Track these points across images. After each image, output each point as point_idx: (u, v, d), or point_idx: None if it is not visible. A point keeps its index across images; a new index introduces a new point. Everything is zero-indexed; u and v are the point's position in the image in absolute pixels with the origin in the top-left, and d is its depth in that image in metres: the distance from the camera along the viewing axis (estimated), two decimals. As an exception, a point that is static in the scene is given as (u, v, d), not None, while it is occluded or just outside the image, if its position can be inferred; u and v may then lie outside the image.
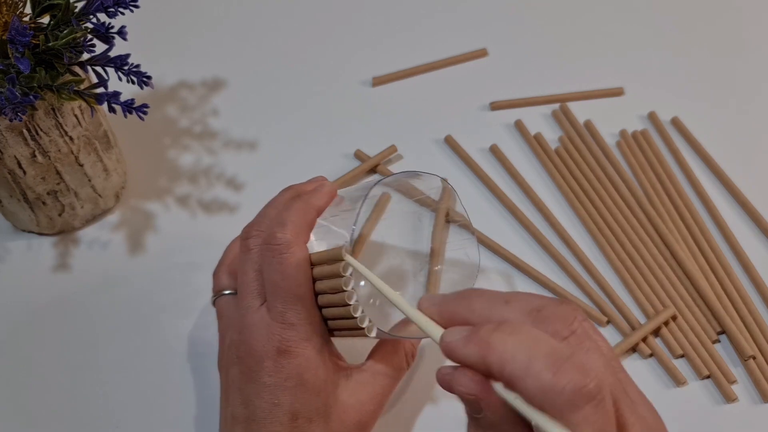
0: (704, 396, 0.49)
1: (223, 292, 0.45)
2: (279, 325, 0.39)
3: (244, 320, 0.41)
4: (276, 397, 0.39)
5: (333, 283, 0.39)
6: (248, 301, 0.41)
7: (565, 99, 0.65)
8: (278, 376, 0.39)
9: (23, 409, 0.48)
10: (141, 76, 0.48)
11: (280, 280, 0.39)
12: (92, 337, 0.52)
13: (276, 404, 0.39)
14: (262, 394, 0.39)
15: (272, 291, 0.40)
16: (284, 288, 0.39)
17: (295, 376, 0.39)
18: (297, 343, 0.39)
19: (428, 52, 0.69)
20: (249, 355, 0.40)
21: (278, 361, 0.39)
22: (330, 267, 0.39)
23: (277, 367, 0.39)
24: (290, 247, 0.40)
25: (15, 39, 0.44)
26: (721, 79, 0.67)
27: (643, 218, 0.57)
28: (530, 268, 0.54)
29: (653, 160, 0.60)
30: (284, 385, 0.39)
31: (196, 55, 0.69)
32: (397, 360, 0.44)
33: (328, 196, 0.43)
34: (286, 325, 0.39)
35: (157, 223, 0.57)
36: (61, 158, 0.51)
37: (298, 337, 0.39)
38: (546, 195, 0.59)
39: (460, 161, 0.61)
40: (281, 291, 0.40)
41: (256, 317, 0.40)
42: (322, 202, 0.42)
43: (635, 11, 0.73)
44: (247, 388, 0.40)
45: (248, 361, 0.40)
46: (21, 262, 0.55)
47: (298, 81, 0.67)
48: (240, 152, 0.62)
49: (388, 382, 0.43)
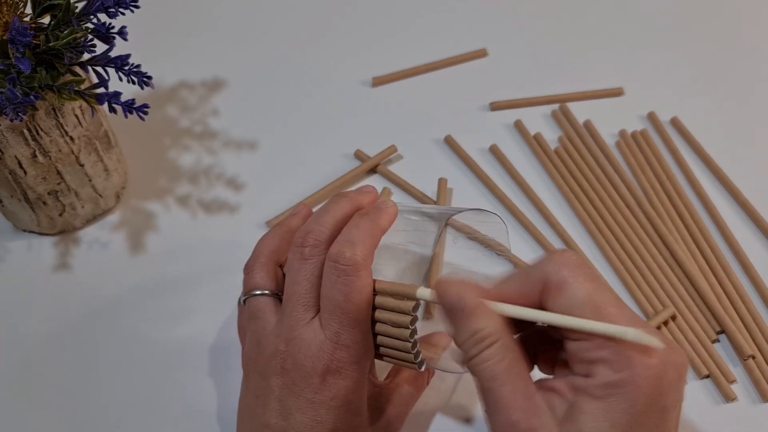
0: (704, 395, 0.49)
1: (255, 292, 0.43)
2: (332, 344, 0.39)
3: (293, 332, 0.40)
4: (319, 415, 0.39)
5: (397, 318, 0.39)
6: (299, 313, 0.40)
7: (565, 99, 0.65)
8: (324, 395, 0.39)
9: (23, 409, 0.48)
10: (141, 77, 0.48)
11: (342, 302, 0.38)
12: (92, 337, 0.52)
13: (319, 422, 0.39)
14: (306, 409, 0.39)
15: (331, 309, 0.39)
16: (345, 310, 0.39)
17: (342, 396, 0.39)
18: (347, 365, 0.39)
19: (428, 52, 0.69)
20: (296, 368, 0.39)
21: (326, 380, 0.39)
22: (397, 302, 0.39)
23: (325, 385, 0.39)
24: (359, 270, 0.39)
25: (16, 39, 0.44)
26: (721, 80, 0.68)
27: (643, 218, 0.57)
28: (530, 268, 0.54)
29: (653, 161, 0.60)
30: (329, 404, 0.39)
31: (196, 55, 0.69)
32: (421, 380, 0.45)
33: (393, 216, 0.42)
34: (340, 346, 0.39)
35: (157, 223, 0.57)
36: (62, 158, 0.51)
37: (350, 359, 0.39)
38: (546, 195, 0.59)
39: (459, 161, 0.61)
40: (341, 312, 0.39)
41: (307, 332, 0.39)
42: (389, 223, 0.42)
43: (635, 11, 0.73)
44: (288, 401, 0.39)
45: (294, 374, 0.39)
46: (21, 262, 0.55)
47: (298, 81, 0.67)
48: (240, 152, 0.62)
49: (411, 401, 0.45)
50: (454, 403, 0.48)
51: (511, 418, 0.33)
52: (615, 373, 0.33)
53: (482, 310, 0.35)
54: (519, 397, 0.33)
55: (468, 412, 0.48)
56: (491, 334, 0.34)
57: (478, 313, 0.35)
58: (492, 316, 0.35)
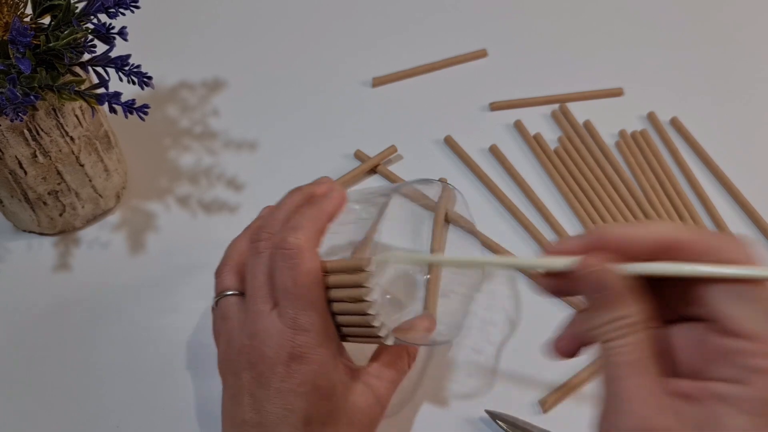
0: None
1: (226, 293, 0.44)
2: (291, 330, 0.39)
3: (255, 325, 0.40)
4: (289, 403, 0.39)
5: (352, 293, 0.39)
6: (258, 305, 0.40)
7: (565, 99, 0.65)
8: (291, 382, 0.39)
9: (23, 409, 0.48)
10: (142, 77, 0.49)
11: (291, 286, 0.39)
12: (92, 337, 0.52)
13: (290, 410, 0.39)
14: (275, 399, 0.39)
15: (284, 296, 0.40)
16: (295, 293, 0.39)
17: (309, 381, 0.39)
18: (310, 349, 0.39)
19: (428, 52, 0.69)
20: (261, 360, 0.39)
21: (291, 367, 0.39)
22: (351, 276, 0.39)
23: (290, 372, 0.39)
24: (302, 252, 0.39)
25: (16, 39, 0.44)
26: (721, 80, 0.68)
27: (642, 218, 0.57)
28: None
29: (652, 161, 0.60)
30: (297, 391, 0.39)
31: (196, 55, 0.69)
32: (401, 363, 0.44)
33: (340, 201, 0.42)
34: (298, 331, 0.39)
35: (157, 223, 0.57)
36: (62, 158, 0.51)
37: (311, 342, 0.39)
38: (545, 195, 0.59)
39: (459, 161, 0.61)
40: (293, 296, 0.39)
41: (267, 322, 0.40)
42: (335, 208, 0.42)
43: (635, 12, 0.73)
44: (258, 393, 0.40)
45: (260, 366, 0.40)
46: (21, 262, 0.55)
47: (298, 81, 0.67)
48: (240, 152, 0.62)
49: (392, 385, 0.44)
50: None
51: (641, 414, 0.29)
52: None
53: (629, 296, 0.31)
54: (651, 393, 0.30)
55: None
56: (636, 323, 0.31)
57: (626, 298, 0.31)
58: (638, 303, 0.31)
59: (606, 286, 0.31)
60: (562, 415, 0.48)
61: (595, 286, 0.32)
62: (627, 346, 0.30)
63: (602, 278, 0.32)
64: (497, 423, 0.47)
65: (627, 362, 0.30)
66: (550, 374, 0.49)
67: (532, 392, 0.49)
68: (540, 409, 0.48)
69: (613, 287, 0.31)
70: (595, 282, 0.32)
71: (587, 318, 0.32)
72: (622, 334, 0.31)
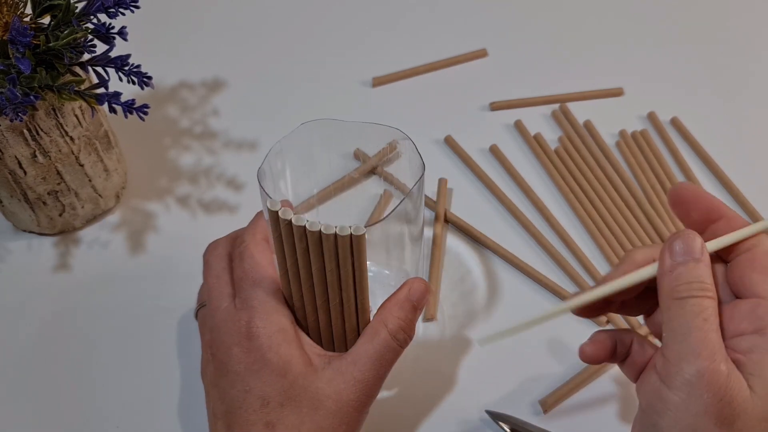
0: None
1: (203, 303, 0.46)
2: (242, 311, 0.41)
3: (214, 320, 0.43)
4: (246, 384, 0.40)
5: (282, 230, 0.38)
6: (217, 302, 0.43)
7: (565, 99, 0.65)
8: (246, 361, 0.40)
9: (23, 408, 0.48)
10: (141, 77, 0.49)
11: (241, 273, 0.43)
12: (92, 337, 0.52)
13: (247, 391, 0.40)
14: (235, 383, 0.40)
15: (238, 286, 0.43)
16: (244, 278, 0.42)
17: (260, 357, 0.40)
18: (258, 323, 0.41)
19: (428, 52, 0.69)
20: (221, 349, 0.41)
21: (244, 345, 0.40)
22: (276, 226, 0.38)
23: (244, 351, 0.40)
24: (245, 242, 0.44)
25: (16, 39, 0.44)
26: (721, 80, 0.68)
27: (643, 218, 0.57)
28: (530, 268, 0.54)
29: (653, 160, 0.60)
30: (252, 369, 0.40)
31: (196, 55, 0.69)
32: (376, 345, 0.41)
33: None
34: (247, 309, 0.41)
35: (157, 223, 0.57)
36: (62, 158, 0.51)
37: (259, 317, 0.41)
38: (545, 195, 0.59)
39: (460, 161, 0.61)
40: (242, 282, 0.42)
41: (223, 314, 0.42)
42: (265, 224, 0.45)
43: (635, 12, 0.73)
44: (221, 382, 0.41)
45: (219, 355, 0.41)
46: (21, 262, 0.55)
47: (298, 81, 0.67)
48: (240, 152, 0.62)
49: (368, 370, 0.41)
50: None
51: (712, 358, 0.33)
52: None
53: (709, 264, 0.36)
54: (720, 345, 0.34)
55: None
56: (714, 291, 0.35)
57: (708, 265, 0.36)
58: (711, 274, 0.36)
59: (699, 249, 0.36)
60: (562, 415, 0.48)
61: (683, 247, 0.36)
62: (708, 307, 0.35)
63: (693, 241, 0.36)
64: (497, 423, 0.47)
65: (705, 318, 0.34)
66: (550, 374, 0.49)
67: (532, 392, 0.49)
68: (540, 409, 0.48)
69: (701, 251, 0.36)
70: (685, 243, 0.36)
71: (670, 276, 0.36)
72: (705, 296, 0.35)
